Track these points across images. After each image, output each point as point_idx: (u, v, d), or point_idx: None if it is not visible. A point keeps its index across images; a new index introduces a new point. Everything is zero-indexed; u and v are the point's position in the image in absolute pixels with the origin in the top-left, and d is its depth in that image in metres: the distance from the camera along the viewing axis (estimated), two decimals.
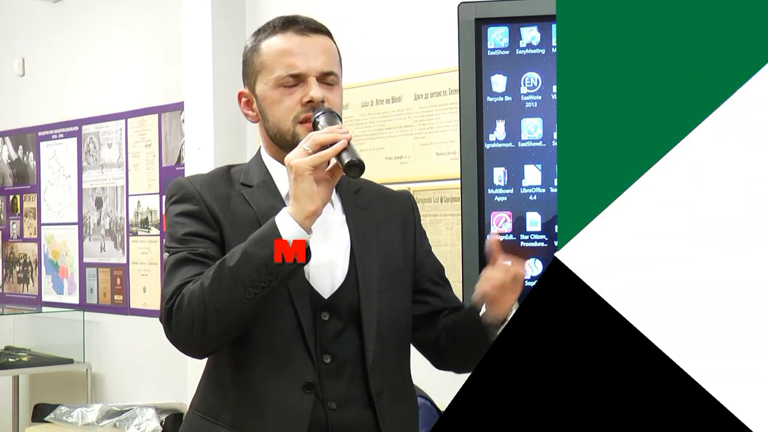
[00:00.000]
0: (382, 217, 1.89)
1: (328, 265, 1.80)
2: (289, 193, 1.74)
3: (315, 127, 1.75)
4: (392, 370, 1.84)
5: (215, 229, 1.78)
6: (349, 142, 1.67)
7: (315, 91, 1.78)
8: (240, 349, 1.76)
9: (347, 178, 1.84)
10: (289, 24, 1.85)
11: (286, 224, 1.65)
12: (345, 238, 1.83)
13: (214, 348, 1.75)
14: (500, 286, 1.74)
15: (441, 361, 1.96)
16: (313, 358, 1.75)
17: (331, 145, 1.66)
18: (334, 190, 1.83)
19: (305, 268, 1.74)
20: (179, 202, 1.83)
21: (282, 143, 1.81)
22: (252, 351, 1.76)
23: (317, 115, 1.76)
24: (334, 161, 1.68)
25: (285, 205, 1.75)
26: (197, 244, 1.76)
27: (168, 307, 1.71)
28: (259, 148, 1.91)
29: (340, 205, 1.86)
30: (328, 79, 1.82)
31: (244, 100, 1.90)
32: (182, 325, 1.69)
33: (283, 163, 1.78)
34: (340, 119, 1.77)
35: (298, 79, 1.80)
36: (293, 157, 1.67)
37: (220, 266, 1.66)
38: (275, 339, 1.75)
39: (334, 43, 1.89)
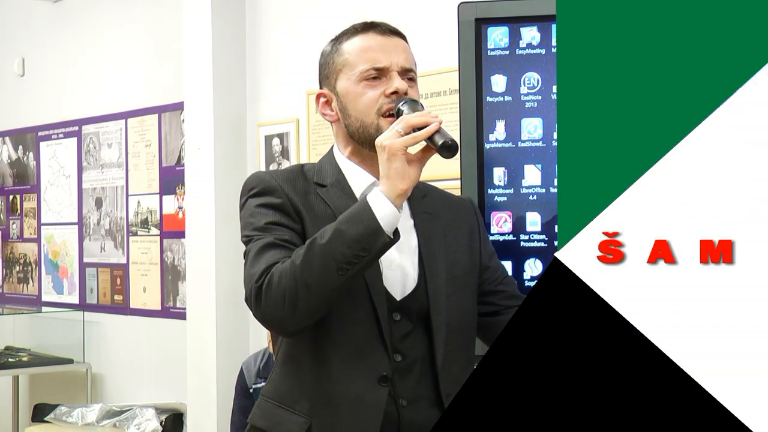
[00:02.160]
0: (448, 222, 1.93)
1: (400, 268, 1.84)
2: (363, 193, 1.81)
3: (398, 116, 1.79)
4: (461, 373, 1.86)
5: (297, 222, 1.81)
6: (440, 125, 1.73)
7: (399, 83, 1.83)
8: (318, 341, 1.79)
9: (415, 185, 1.88)
10: (370, 27, 1.92)
11: (379, 202, 1.69)
12: (413, 243, 1.87)
13: (302, 325, 1.76)
14: None
15: None
16: (388, 353, 1.79)
17: (423, 128, 1.72)
18: None
19: (380, 269, 1.79)
20: (260, 194, 1.84)
21: (364, 138, 1.84)
22: (331, 343, 1.79)
23: (401, 103, 1.81)
24: (423, 143, 1.74)
25: None
26: (281, 231, 1.79)
27: (258, 285, 1.73)
28: (332, 147, 1.94)
29: (408, 210, 1.89)
30: (408, 74, 1.88)
31: (323, 100, 1.92)
32: (272, 302, 1.71)
33: (357, 163, 1.85)
34: (423, 107, 1.82)
35: (382, 73, 1.85)
36: (386, 137, 1.72)
37: (311, 244, 1.70)
38: (354, 333, 1.79)
39: (410, 47, 1.95)
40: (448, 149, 1.72)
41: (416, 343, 1.83)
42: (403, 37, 1.93)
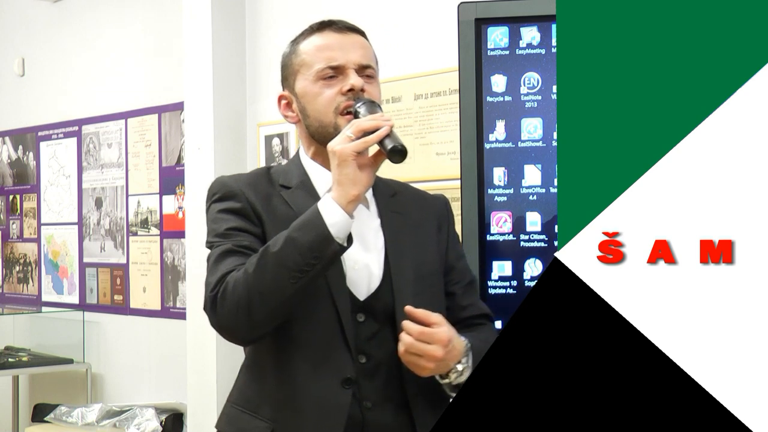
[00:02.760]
0: (417, 221, 1.91)
1: (365, 268, 1.82)
2: (331, 186, 1.78)
3: (356, 116, 1.78)
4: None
5: (257, 226, 1.81)
6: (391, 129, 1.72)
7: (355, 79, 1.82)
8: (280, 345, 1.79)
9: (384, 183, 1.90)
10: (326, 25, 1.90)
11: (330, 209, 1.68)
12: (380, 242, 1.85)
13: (258, 333, 1.77)
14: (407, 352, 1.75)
15: None
16: (351, 354, 1.78)
17: (374, 131, 1.70)
18: (371, 193, 1.86)
19: (343, 269, 1.78)
20: (222, 200, 1.85)
21: (324, 138, 1.82)
22: (292, 346, 1.78)
23: (358, 104, 1.79)
24: (376, 147, 1.73)
25: None
26: (241, 237, 1.79)
27: (212, 294, 1.74)
28: (298, 149, 1.93)
29: (376, 208, 1.88)
30: (366, 71, 1.86)
31: (284, 102, 1.92)
32: (227, 311, 1.72)
33: (322, 164, 1.84)
34: (381, 108, 1.81)
35: (338, 71, 1.83)
36: (337, 143, 1.71)
37: (264, 252, 1.70)
38: (315, 335, 1.78)
39: (370, 43, 1.93)
40: (397, 153, 1.70)
41: (382, 344, 1.80)
42: (361, 33, 1.91)
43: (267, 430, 1.78)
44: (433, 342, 1.73)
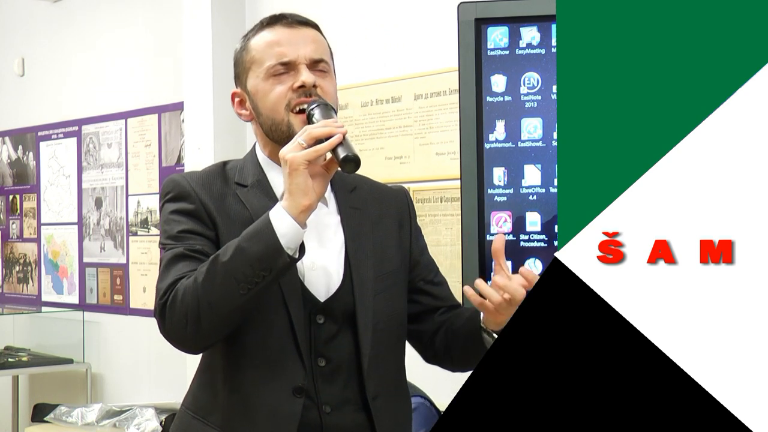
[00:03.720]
0: (377, 217, 1.87)
1: (323, 268, 1.78)
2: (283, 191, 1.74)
3: (309, 120, 1.73)
4: (388, 373, 1.83)
5: (211, 228, 1.76)
6: (344, 137, 1.66)
7: (306, 75, 1.77)
8: (232, 351, 1.75)
9: (342, 177, 1.84)
10: (277, 19, 1.85)
11: (281, 219, 1.63)
12: (339, 240, 1.82)
13: (207, 343, 1.74)
14: (504, 299, 1.71)
15: (433, 358, 1.95)
16: (304, 362, 1.74)
17: (327, 139, 1.65)
18: (330, 188, 1.82)
19: (300, 270, 1.74)
20: (175, 200, 1.80)
21: (277, 136, 1.79)
22: (243, 353, 1.75)
23: (312, 107, 1.74)
24: (329, 155, 1.67)
25: None
26: (193, 241, 1.75)
27: (162, 302, 1.69)
28: (254, 145, 1.89)
29: (335, 205, 1.84)
30: (319, 66, 1.81)
31: (237, 100, 1.89)
32: (176, 319, 1.68)
33: (278, 163, 1.76)
34: (335, 112, 1.76)
35: (289, 68, 1.79)
36: (288, 151, 1.66)
37: (214, 261, 1.65)
38: (267, 341, 1.74)
39: (323, 36, 1.88)
40: (349, 162, 1.64)
41: (342, 346, 1.77)
42: (314, 26, 1.87)
43: None
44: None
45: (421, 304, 1.92)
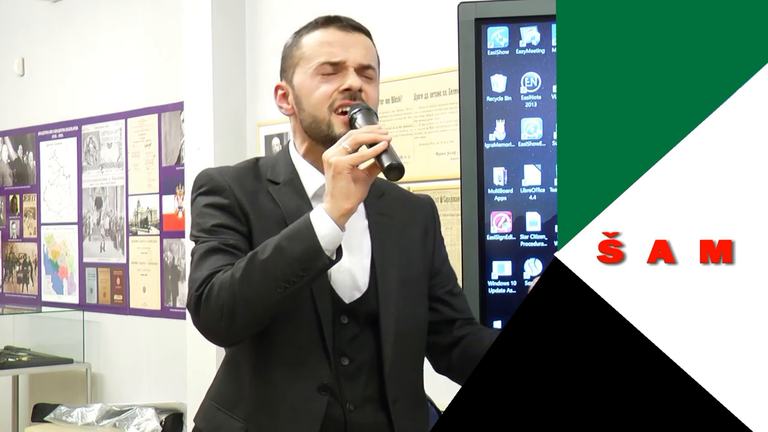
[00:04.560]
0: (403, 223, 1.90)
1: (350, 271, 1.81)
2: (315, 193, 1.78)
3: (352, 123, 1.75)
4: (408, 377, 1.86)
5: (243, 224, 1.78)
6: (389, 144, 1.68)
7: (353, 79, 1.79)
8: (260, 346, 1.77)
9: (372, 183, 1.85)
10: (331, 21, 1.88)
11: (322, 221, 1.65)
12: (366, 245, 1.84)
13: (239, 338, 1.75)
14: None
15: (446, 371, 1.97)
16: (330, 360, 1.76)
17: (371, 145, 1.67)
18: None
19: (328, 271, 1.76)
20: (209, 193, 1.81)
21: (316, 134, 1.81)
22: (271, 348, 1.77)
23: (354, 111, 1.76)
24: (371, 161, 1.69)
25: (310, 206, 1.77)
26: (227, 235, 1.76)
27: (197, 294, 1.70)
28: (288, 143, 1.91)
29: (363, 210, 1.86)
30: (366, 72, 1.83)
31: (280, 93, 1.90)
32: (211, 313, 1.69)
33: (312, 162, 1.81)
34: (377, 117, 1.78)
35: (337, 68, 1.81)
36: (333, 154, 1.68)
37: (252, 258, 1.67)
38: (296, 339, 1.76)
39: (374, 44, 1.91)
40: (394, 171, 1.66)
41: (364, 347, 1.80)
42: (366, 33, 1.89)
43: (241, 430, 1.78)
44: None
45: (440, 313, 1.94)
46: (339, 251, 1.68)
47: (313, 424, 1.74)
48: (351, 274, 1.80)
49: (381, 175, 1.71)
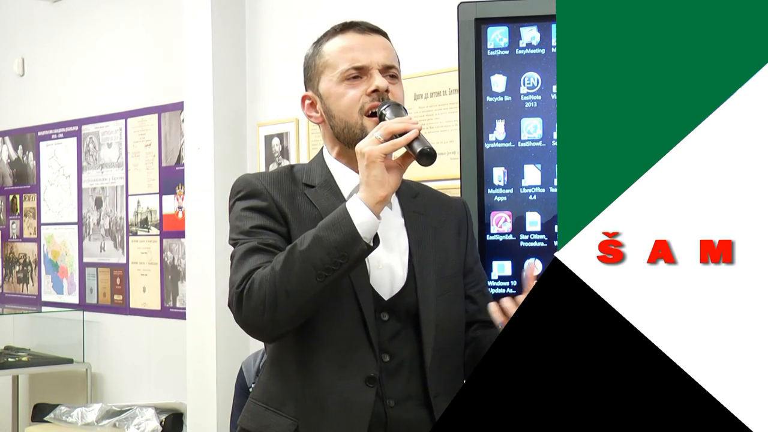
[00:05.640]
0: (438, 222, 1.93)
1: (388, 267, 1.83)
2: (351, 193, 1.81)
3: (381, 118, 1.79)
4: (449, 373, 1.87)
5: (282, 224, 1.82)
6: (419, 132, 1.72)
7: (379, 80, 1.83)
8: (304, 342, 1.79)
9: (406, 183, 1.90)
10: (349, 26, 1.91)
11: (358, 209, 1.69)
12: (404, 242, 1.87)
13: (282, 331, 1.77)
14: None
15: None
16: (375, 353, 1.79)
17: (403, 134, 1.71)
18: (394, 193, 1.87)
19: (367, 268, 1.79)
20: (247, 197, 1.85)
21: (349, 138, 1.84)
22: (316, 344, 1.79)
23: (383, 107, 1.80)
24: (403, 150, 1.73)
25: None
26: (266, 236, 1.80)
27: (239, 291, 1.73)
28: (321, 149, 1.94)
29: (399, 209, 1.89)
30: (390, 71, 1.87)
31: (308, 102, 1.93)
32: (253, 307, 1.72)
33: (346, 164, 1.85)
34: (406, 111, 1.82)
35: (362, 72, 1.84)
36: (365, 144, 1.72)
37: (291, 250, 1.71)
38: (339, 333, 1.79)
39: (392, 44, 1.94)
40: (426, 156, 1.70)
41: (405, 343, 1.82)
42: (383, 34, 1.93)
43: (291, 427, 1.79)
44: None
45: (467, 312, 1.96)
46: (376, 238, 1.71)
47: (363, 416, 1.77)
48: (390, 271, 1.83)
49: (414, 165, 1.74)
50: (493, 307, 1.82)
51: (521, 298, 1.78)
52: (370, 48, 1.86)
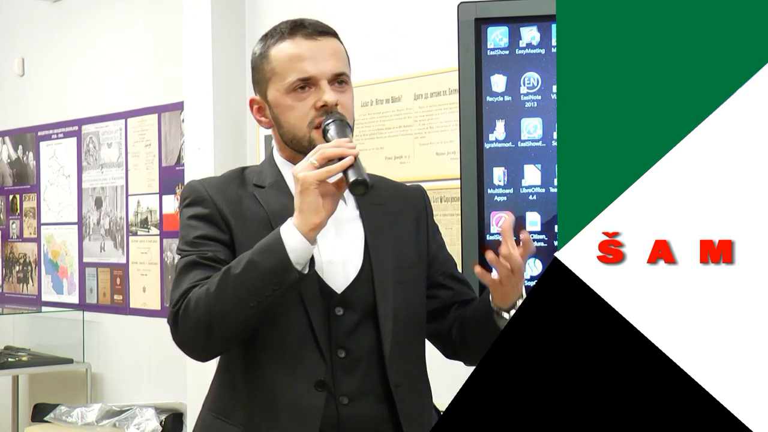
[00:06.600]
0: (395, 213, 1.91)
1: (341, 261, 1.82)
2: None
3: (324, 135, 1.76)
4: (409, 364, 1.86)
5: (225, 232, 1.81)
6: (356, 158, 1.68)
7: (328, 95, 1.79)
8: (251, 350, 1.78)
9: None
10: (297, 28, 1.85)
11: (291, 235, 1.67)
12: (359, 233, 1.85)
13: (217, 351, 1.79)
14: (507, 272, 1.77)
15: (453, 353, 1.98)
16: (324, 356, 1.77)
17: (340, 159, 1.67)
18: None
19: (318, 264, 1.77)
20: (191, 205, 1.85)
21: (297, 148, 1.83)
22: (263, 351, 1.78)
23: (327, 122, 1.77)
24: (339, 175, 1.69)
25: None
26: (207, 247, 1.79)
27: (175, 310, 1.74)
28: (272, 149, 1.93)
29: (353, 201, 1.87)
30: (340, 78, 1.83)
31: (256, 107, 1.90)
32: (188, 328, 1.73)
33: (295, 164, 1.81)
34: (351, 129, 1.79)
35: (310, 84, 1.81)
36: (300, 169, 1.69)
37: (226, 273, 1.70)
38: (286, 339, 1.77)
39: (342, 43, 1.90)
40: (358, 186, 1.66)
41: (363, 337, 1.80)
42: (334, 34, 1.88)
43: None
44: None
45: (440, 299, 1.95)
46: (312, 263, 1.70)
47: (314, 420, 1.75)
48: (343, 264, 1.82)
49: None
50: (477, 267, 1.78)
51: (502, 249, 1.76)
52: (318, 56, 1.81)
